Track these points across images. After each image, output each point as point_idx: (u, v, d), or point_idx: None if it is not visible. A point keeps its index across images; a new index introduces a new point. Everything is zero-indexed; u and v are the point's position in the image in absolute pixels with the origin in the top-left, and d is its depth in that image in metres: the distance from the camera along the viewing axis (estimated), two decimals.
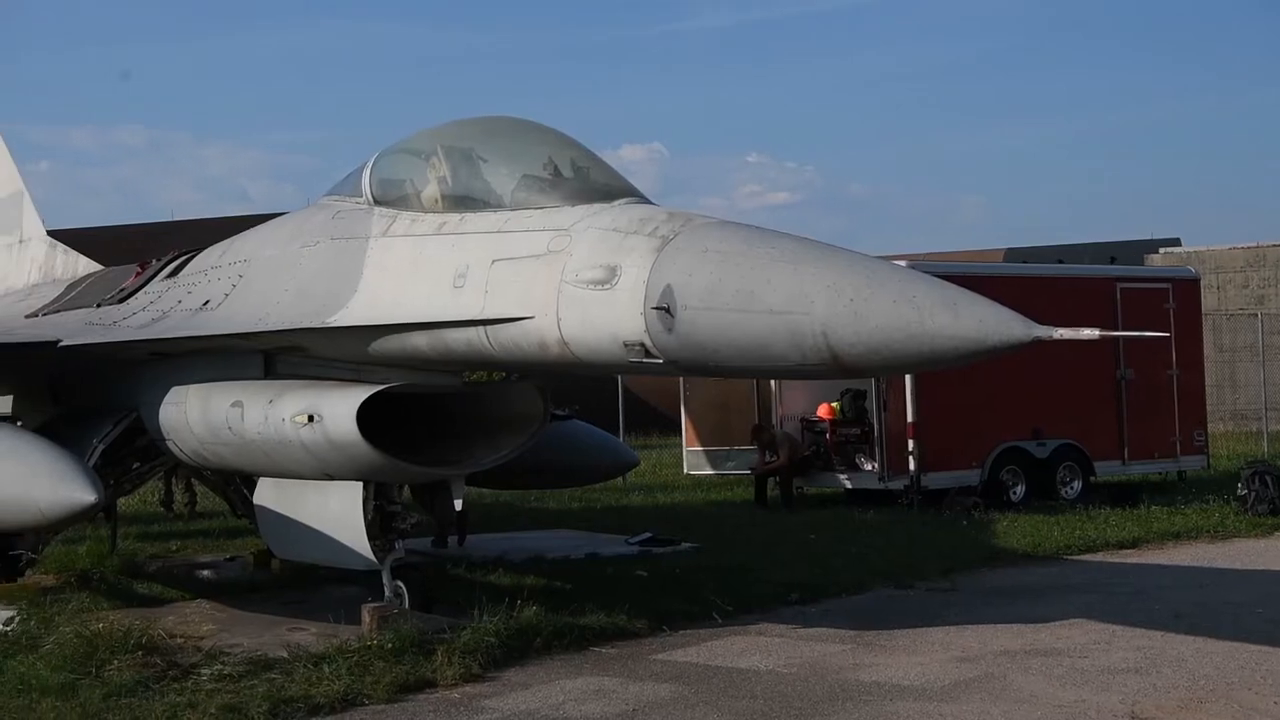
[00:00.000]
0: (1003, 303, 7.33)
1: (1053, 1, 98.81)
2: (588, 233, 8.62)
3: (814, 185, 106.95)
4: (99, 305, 13.26)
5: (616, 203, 8.95)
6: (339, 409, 9.61)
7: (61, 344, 11.94)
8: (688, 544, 15.48)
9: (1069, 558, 14.58)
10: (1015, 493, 19.21)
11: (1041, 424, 19.49)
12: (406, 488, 11.00)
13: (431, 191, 9.88)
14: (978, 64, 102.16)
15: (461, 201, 9.63)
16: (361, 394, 9.63)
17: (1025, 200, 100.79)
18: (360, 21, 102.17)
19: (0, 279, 17.48)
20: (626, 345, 8.22)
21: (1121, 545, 15.34)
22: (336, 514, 10.19)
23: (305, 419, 9.75)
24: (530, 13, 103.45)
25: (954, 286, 7.51)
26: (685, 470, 23.15)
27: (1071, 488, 19.67)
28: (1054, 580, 13.05)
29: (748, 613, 11.23)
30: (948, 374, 15.34)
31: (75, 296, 14.36)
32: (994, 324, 7.17)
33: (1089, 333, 7.12)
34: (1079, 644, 9.89)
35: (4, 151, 17.82)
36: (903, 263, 12.18)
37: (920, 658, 9.53)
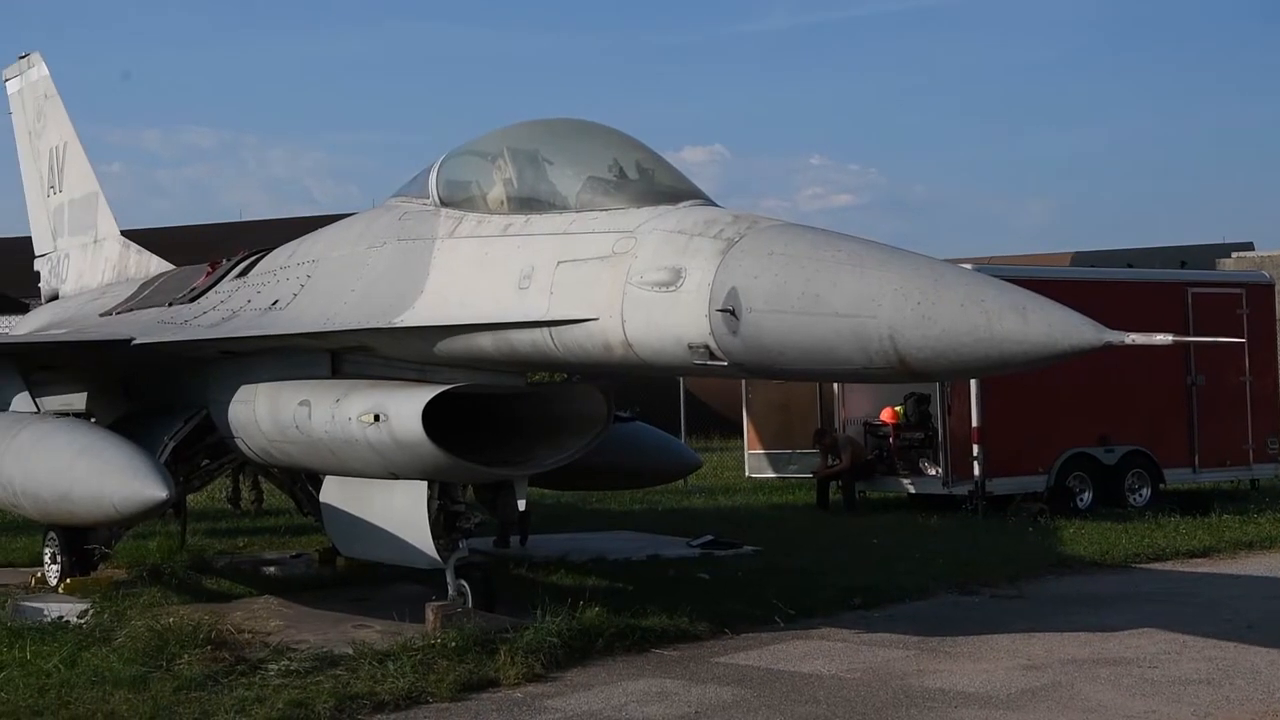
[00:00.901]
0: (1070, 307, 7.25)
1: (1121, 4, 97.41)
2: (653, 235, 8.62)
3: (877, 187, 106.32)
4: (171, 304, 13.49)
5: (681, 205, 8.95)
6: (405, 409, 9.69)
7: (134, 342, 12.17)
8: (749, 547, 15.46)
9: (1138, 566, 14.35)
10: (1082, 499, 18.95)
11: (1109, 430, 19.21)
12: (470, 487, 11.06)
13: (497, 193, 9.93)
14: (1046, 66, 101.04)
15: (527, 203, 9.68)
16: (427, 394, 9.70)
17: (1092, 203, 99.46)
18: (424, 23, 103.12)
19: (76, 277, 17.85)
20: (691, 347, 8.22)
21: (1192, 554, 15.07)
22: (401, 513, 10.28)
23: (371, 418, 9.85)
24: (593, 15, 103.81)
25: (1022, 290, 7.44)
26: (746, 473, 23.09)
27: (1140, 495, 19.38)
28: (1123, 588, 12.86)
29: (810, 617, 11.17)
30: (1013, 378, 15.19)
31: (148, 295, 14.61)
32: (1064, 328, 7.09)
33: (1161, 338, 7.02)
34: (1149, 654, 9.74)
35: (80, 153, 18.15)
36: (968, 266, 12.06)
37: (986, 665, 9.43)
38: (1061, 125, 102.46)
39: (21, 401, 12.29)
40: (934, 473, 19.17)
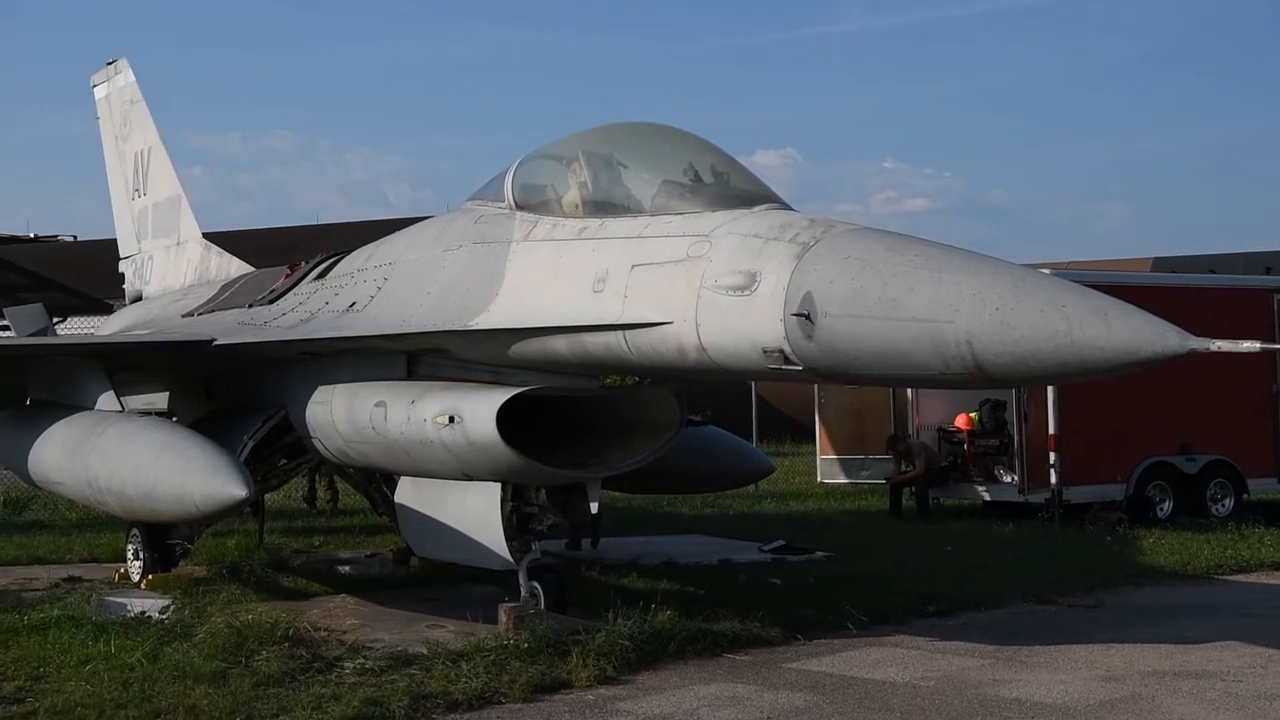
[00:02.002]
0: (1152, 313, 7.13)
1: (1201, 5, 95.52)
2: (728, 239, 8.61)
3: (952, 192, 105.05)
4: (250, 306, 13.70)
5: (757, 209, 8.93)
6: (479, 411, 9.76)
7: (215, 343, 12.38)
8: (821, 552, 15.38)
9: (1220, 578, 14.06)
10: (1162, 509, 18.60)
11: (1191, 438, 18.85)
12: (543, 489, 11.12)
13: (573, 196, 9.98)
14: (1124, 68, 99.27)
15: (602, 206, 9.71)
16: (501, 396, 9.77)
17: (1173, 208, 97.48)
18: (497, 26, 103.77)
19: (159, 279, 18.20)
20: (765, 352, 8.20)
21: (1277, 566, 14.73)
22: (475, 514, 10.36)
23: (446, 420, 9.94)
24: (665, 19, 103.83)
25: (1104, 296, 7.34)
26: (818, 478, 22.96)
27: (1223, 505, 18.99)
28: (1205, 600, 12.60)
29: (883, 624, 11.09)
30: (1092, 385, 14.89)
31: (228, 297, 14.85)
32: (1147, 335, 6.98)
33: (1249, 345, 6.90)
34: (1232, 667, 9.53)
35: (165, 157, 18.50)
36: (1047, 271, 11.92)
37: (1063, 675, 9.29)
38: (1141, 128, 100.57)
39: (107, 400, 12.53)
40: (1009, 480, 18.95)
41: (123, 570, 13.33)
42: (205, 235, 17.82)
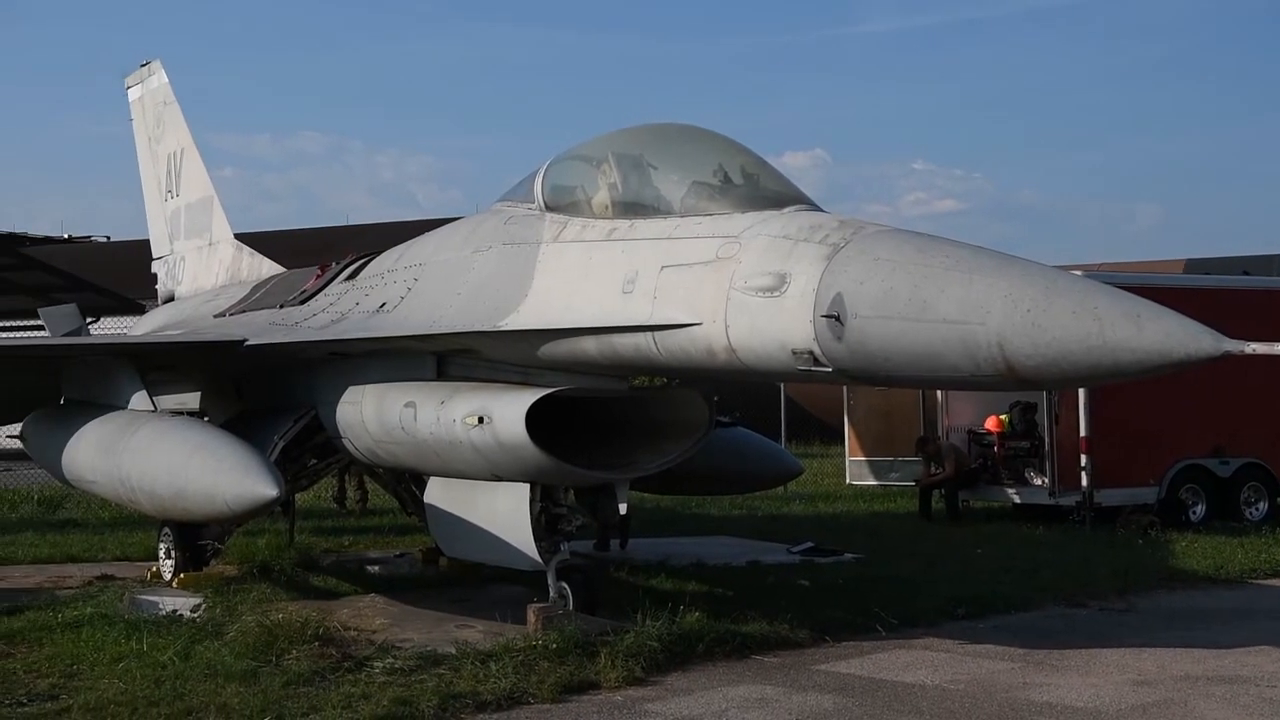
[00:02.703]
0: (1185, 315, 7.08)
1: (1234, 5, 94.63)
2: (757, 240, 8.60)
3: (982, 193, 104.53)
4: (282, 306, 13.78)
5: (786, 210, 8.91)
6: (508, 411, 9.78)
7: (247, 343, 12.45)
8: (850, 554, 15.34)
9: (1254, 582, 13.93)
10: (1194, 512, 18.44)
11: (1224, 441, 18.69)
12: (571, 490, 11.14)
13: (602, 198, 9.98)
14: (1157, 69, 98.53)
15: (632, 208, 9.71)
16: (530, 397, 9.79)
17: (1205, 209, 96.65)
18: (525, 27, 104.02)
19: (191, 280, 18.33)
20: (795, 353, 8.18)
21: None
22: (504, 514, 10.38)
23: (475, 420, 9.96)
24: (694, 20, 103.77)
25: (1136, 297, 7.29)
26: (847, 480, 22.92)
27: (1256, 509, 18.83)
28: (1239, 604, 12.49)
29: (912, 626, 11.05)
30: (1123, 387, 14.81)
31: (260, 297, 14.94)
32: (1181, 337, 6.94)
33: None
34: (1267, 672, 9.44)
35: (197, 158, 18.64)
36: (1078, 273, 11.85)
37: (1094, 679, 9.23)
38: (1174, 128, 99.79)
39: (139, 400, 12.62)
40: (1040, 482, 18.84)
41: (155, 569, 13.43)
42: (236, 236, 17.93)
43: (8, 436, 21.24)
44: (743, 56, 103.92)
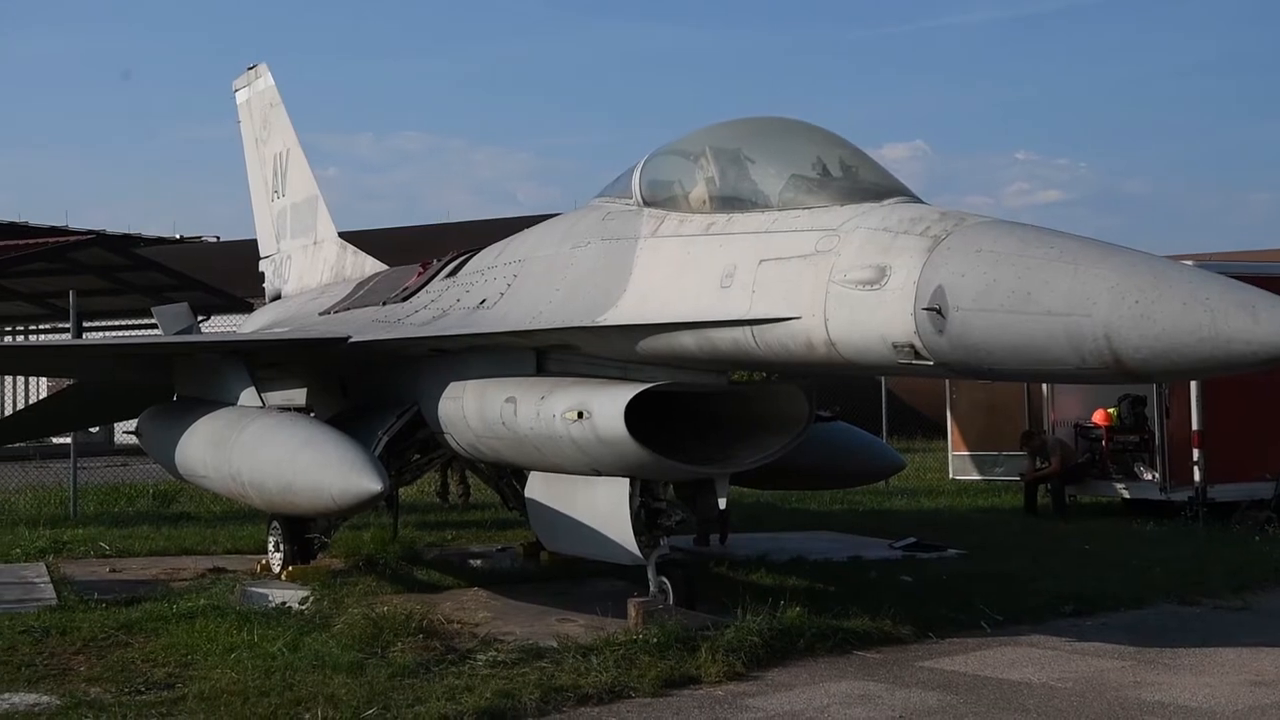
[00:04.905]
0: None
1: None
2: (856, 232, 8.52)
3: (1087, 183, 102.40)
4: (384, 303, 13.97)
5: (886, 202, 8.82)
6: (608, 407, 9.82)
7: (351, 340, 12.66)
8: (954, 550, 15.15)
9: None
10: None
11: None
12: (671, 485, 11.15)
13: (700, 192, 9.96)
14: (1269, 54, 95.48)
15: (729, 202, 9.68)
16: (629, 392, 9.81)
17: None
18: (626, 23, 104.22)
19: (297, 278, 18.67)
20: (895, 347, 8.09)
21: None
22: (604, 509, 10.42)
23: (575, 415, 10.01)
24: (792, 11, 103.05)
25: (1250, 287, 7.08)
26: (950, 475, 22.64)
27: None
28: None
29: (1018, 623, 10.87)
30: (1237, 379, 14.44)
31: (363, 295, 15.17)
32: None
33: None
34: None
35: (302, 159, 18.97)
36: (1189, 263, 11.56)
37: (1209, 679, 8.99)
38: None
39: (248, 396, 12.89)
40: (1150, 478, 18.44)
41: (264, 562, 13.73)
42: (340, 234, 18.21)
43: (124, 433, 21.92)
44: (842, 48, 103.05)
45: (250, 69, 20.31)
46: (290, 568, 13.14)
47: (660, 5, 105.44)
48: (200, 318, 21.58)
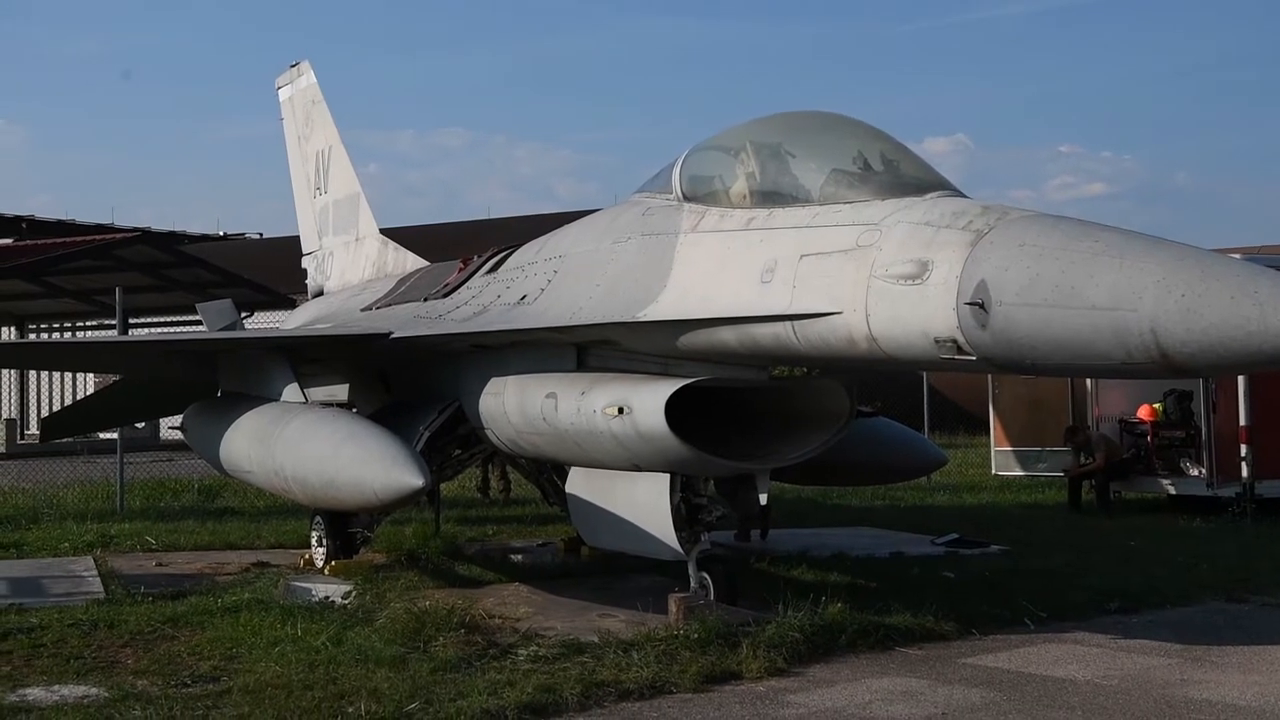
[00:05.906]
0: None
1: None
2: (898, 227, 8.47)
3: (1133, 176, 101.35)
4: (425, 299, 14.03)
5: (928, 196, 8.76)
6: (648, 402, 9.81)
7: (392, 336, 12.73)
8: (996, 546, 15.05)
9: None
10: None
11: None
12: (712, 480, 11.12)
13: (740, 187, 9.93)
14: None
15: (770, 197, 9.64)
16: (669, 387, 9.80)
17: None
18: (665, 18, 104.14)
19: (339, 274, 18.80)
20: (937, 341, 8.04)
21: None
22: (644, 504, 10.42)
23: (615, 411, 10.01)
24: (833, 5, 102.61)
25: None
26: (993, 470, 22.48)
27: None
28: None
29: (1062, 620, 10.78)
30: None
31: (404, 291, 15.24)
32: None
33: None
34: None
35: (344, 156, 19.09)
36: (1237, 256, 11.42)
37: (1258, 677, 8.88)
38: None
39: (291, 392, 12.99)
40: (1197, 473, 18.24)
41: (308, 556, 13.82)
42: (381, 231, 18.31)
43: (170, 428, 22.15)
44: (883, 41, 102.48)
45: (293, 66, 20.44)
46: (333, 562, 13.24)
47: (700, 1, 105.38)
48: (244, 314, 21.78)
